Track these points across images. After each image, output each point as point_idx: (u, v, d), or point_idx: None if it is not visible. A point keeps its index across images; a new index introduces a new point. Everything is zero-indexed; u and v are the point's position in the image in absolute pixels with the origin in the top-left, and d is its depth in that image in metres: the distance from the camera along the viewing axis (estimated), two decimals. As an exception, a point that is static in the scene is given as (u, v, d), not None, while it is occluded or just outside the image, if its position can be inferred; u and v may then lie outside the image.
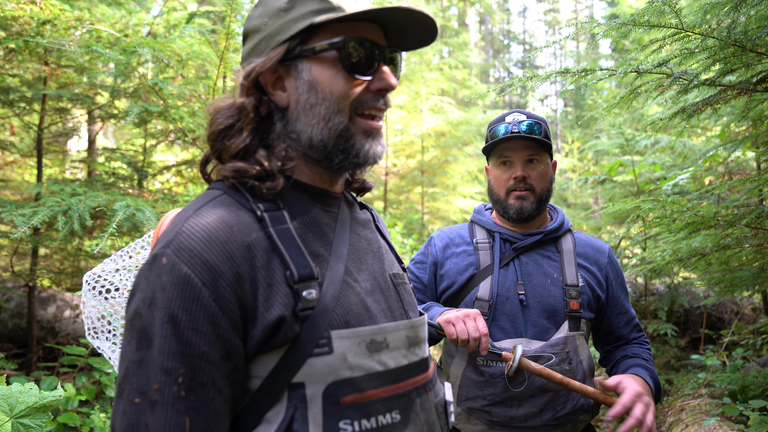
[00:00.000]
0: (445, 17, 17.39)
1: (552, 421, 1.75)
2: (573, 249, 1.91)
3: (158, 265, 0.85)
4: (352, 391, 0.90)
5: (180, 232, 0.88)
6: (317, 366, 0.88)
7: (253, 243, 0.90)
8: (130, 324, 0.86)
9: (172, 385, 0.81)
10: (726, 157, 4.28)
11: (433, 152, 10.30)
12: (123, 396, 0.83)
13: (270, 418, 0.88)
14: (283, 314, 0.87)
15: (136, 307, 0.85)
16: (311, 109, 0.97)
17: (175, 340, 0.82)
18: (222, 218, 0.90)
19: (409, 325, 1.03)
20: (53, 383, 3.31)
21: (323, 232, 1.00)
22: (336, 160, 0.99)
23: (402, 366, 0.98)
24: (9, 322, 4.80)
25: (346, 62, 0.96)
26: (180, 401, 0.81)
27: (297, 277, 0.90)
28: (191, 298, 0.83)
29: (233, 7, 3.55)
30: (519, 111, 1.90)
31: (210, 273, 0.84)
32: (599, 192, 8.53)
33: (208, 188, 1.02)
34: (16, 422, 1.37)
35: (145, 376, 0.81)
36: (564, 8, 34.98)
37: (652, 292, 5.60)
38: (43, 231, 4.08)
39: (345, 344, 0.91)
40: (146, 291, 0.85)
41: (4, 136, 5.30)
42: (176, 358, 0.81)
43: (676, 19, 2.22)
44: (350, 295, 0.96)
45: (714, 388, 4.05)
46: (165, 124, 4.42)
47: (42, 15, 3.35)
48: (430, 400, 1.04)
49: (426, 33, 1.02)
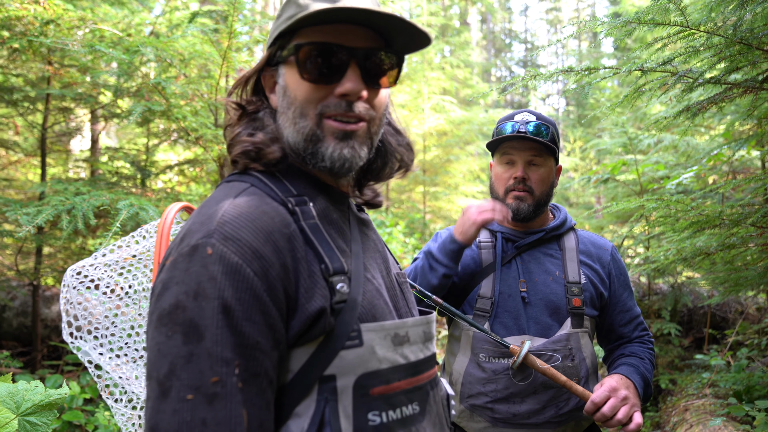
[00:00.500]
0: (447, 16, 17.38)
1: (555, 418, 1.76)
2: (576, 246, 1.92)
3: (201, 256, 0.83)
4: (380, 383, 0.91)
5: (222, 222, 0.86)
6: (348, 358, 0.89)
7: (292, 234, 0.90)
8: (168, 318, 0.81)
9: (231, 376, 0.79)
10: (730, 156, 4.27)
11: (435, 151, 10.30)
12: (170, 394, 0.78)
13: (300, 412, 0.88)
14: (324, 306, 0.88)
15: (176, 300, 0.82)
16: (284, 113, 1.01)
17: (229, 331, 0.80)
18: (261, 209, 0.90)
19: (426, 321, 1.05)
20: (58, 381, 3.32)
21: (342, 229, 1.02)
22: (311, 163, 0.99)
23: (420, 359, 1.00)
24: (14, 320, 4.82)
25: (302, 68, 0.96)
26: (239, 393, 0.79)
27: (332, 270, 0.92)
28: (244, 288, 0.82)
29: (236, 6, 3.55)
30: (529, 111, 1.90)
31: (260, 262, 0.84)
32: (602, 191, 8.52)
33: (224, 180, 1.02)
34: (23, 420, 1.37)
35: (197, 371, 0.78)
36: (566, 7, 34.92)
37: (655, 292, 5.58)
38: (48, 230, 4.09)
39: (373, 337, 0.92)
40: (188, 283, 0.82)
41: (8, 136, 5.31)
42: (232, 350, 0.80)
43: (681, 17, 2.21)
44: (372, 290, 0.98)
45: (718, 388, 4.04)
46: (168, 123, 4.43)
47: (45, 15, 3.35)
48: (438, 393, 1.07)
49: (412, 34, 0.97)
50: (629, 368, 1.78)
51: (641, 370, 1.78)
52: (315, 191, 1.02)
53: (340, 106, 0.96)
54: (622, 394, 1.64)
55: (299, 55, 0.95)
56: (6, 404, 1.37)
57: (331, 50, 0.95)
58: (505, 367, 1.77)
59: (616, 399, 1.62)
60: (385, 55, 0.99)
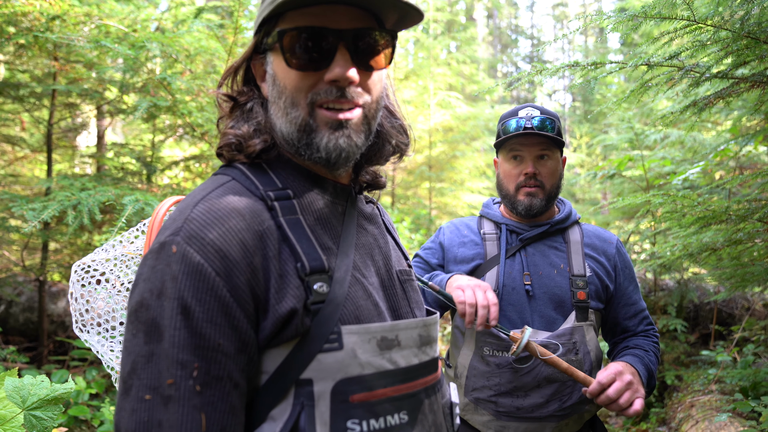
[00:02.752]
0: (453, 12, 17.31)
1: (558, 411, 1.76)
2: (581, 240, 1.92)
3: (167, 254, 0.81)
4: (362, 390, 0.87)
5: (189, 219, 0.84)
6: (326, 362, 0.85)
7: (265, 232, 0.86)
8: (135, 316, 0.81)
9: (187, 379, 0.77)
10: (737, 151, 4.24)
11: (440, 147, 10.27)
12: (131, 393, 0.77)
13: (275, 416, 0.85)
14: (295, 306, 0.84)
15: (141, 297, 0.81)
16: (275, 103, 0.96)
17: (188, 332, 0.77)
18: (233, 205, 0.86)
19: (422, 324, 1.00)
20: (64, 376, 3.34)
21: (332, 225, 0.97)
22: (305, 155, 0.95)
23: (413, 365, 0.95)
24: (20, 316, 4.85)
25: (288, 54, 0.90)
26: (196, 396, 0.77)
27: (308, 269, 0.87)
28: (205, 288, 0.79)
29: (241, 1, 3.54)
30: (532, 106, 1.89)
31: (223, 262, 0.81)
32: (608, 187, 8.48)
33: (214, 174, 0.99)
34: (29, 414, 1.37)
35: (156, 371, 0.77)
36: (572, 2, 34.77)
37: (661, 288, 5.56)
38: (54, 225, 4.11)
39: (355, 340, 0.87)
40: (153, 281, 0.80)
41: (14, 132, 5.33)
42: (190, 351, 0.77)
43: (688, 11, 2.19)
44: (359, 291, 0.93)
45: (724, 384, 4.03)
46: (173, 119, 4.43)
47: (51, 10, 3.36)
48: (438, 401, 1.01)
49: (404, 10, 0.91)
50: (634, 358, 1.77)
51: (645, 362, 1.77)
52: (304, 184, 0.98)
53: (331, 93, 0.91)
54: (627, 378, 1.62)
55: (283, 41, 0.90)
56: (12, 399, 1.37)
57: (317, 34, 0.89)
58: (508, 361, 1.77)
59: (621, 382, 1.60)
60: (377, 34, 0.93)
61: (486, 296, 1.63)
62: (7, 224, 3.99)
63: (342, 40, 0.90)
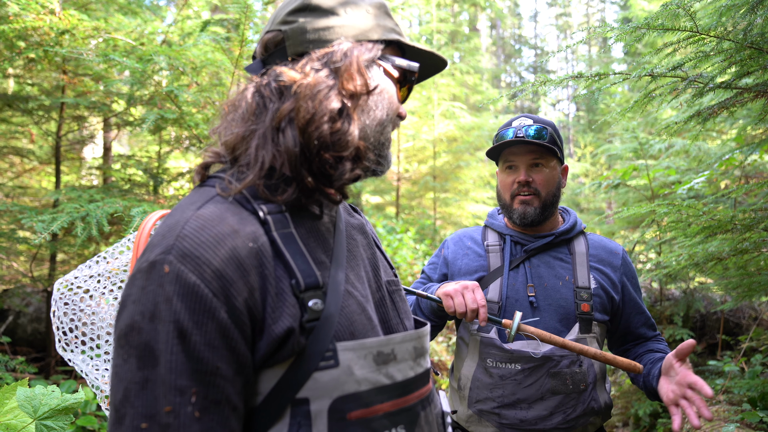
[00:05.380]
0: (456, 22, 17.40)
1: (563, 424, 1.75)
2: (586, 251, 1.91)
3: (158, 274, 0.77)
4: (359, 406, 0.85)
5: (182, 236, 0.79)
6: (323, 380, 0.83)
7: (260, 249, 0.83)
8: (125, 340, 0.76)
9: (186, 405, 0.73)
10: (742, 160, 4.24)
11: (445, 157, 10.30)
12: (125, 422, 0.73)
13: None
14: (292, 326, 0.82)
15: (132, 320, 0.76)
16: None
17: (185, 357, 0.74)
18: (226, 221, 0.83)
19: (417, 336, 0.99)
20: (72, 387, 3.35)
21: (324, 237, 0.95)
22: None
23: (409, 378, 0.94)
24: (28, 326, 4.87)
25: (404, 85, 1.06)
26: (195, 423, 0.74)
27: (303, 286, 0.85)
28: (202, 310, 0.76)
29: (247, 14, 3.59)
30: (526, 116, 1.91)
31: (220, 282, 0.77)
32: (612, 196, 8.47)
33: (199, 185, 0.94)
34: (40, 424, 1.39)
35: (152, 398, 0.73)
36: (576, 12, 34.87)
37: (667, 297, 5.54)
38: (62, 237, 4.14)
39: (351, 356, 0.86)
40: (144, 303, 0.76)
41: (23, 144, 5.38)
42: (188, 376, 0.74)
43: (691, 22, 2.21)
44: (352, 305, 0.92)
45: (732, 394, 4.00)
46: (180, 131, 4.47)
47: (61, 25, 3.41)
48: (432, 412, 1.00)
49: (435, 62, 1.10)
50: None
51: None
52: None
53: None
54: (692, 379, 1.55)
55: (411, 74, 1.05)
56: (24, 408, 1.39)
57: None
58: (511, 372, 1.77)
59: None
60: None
61: (475, 297, 1.63)
62: (16, 235, 4.02)
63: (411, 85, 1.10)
